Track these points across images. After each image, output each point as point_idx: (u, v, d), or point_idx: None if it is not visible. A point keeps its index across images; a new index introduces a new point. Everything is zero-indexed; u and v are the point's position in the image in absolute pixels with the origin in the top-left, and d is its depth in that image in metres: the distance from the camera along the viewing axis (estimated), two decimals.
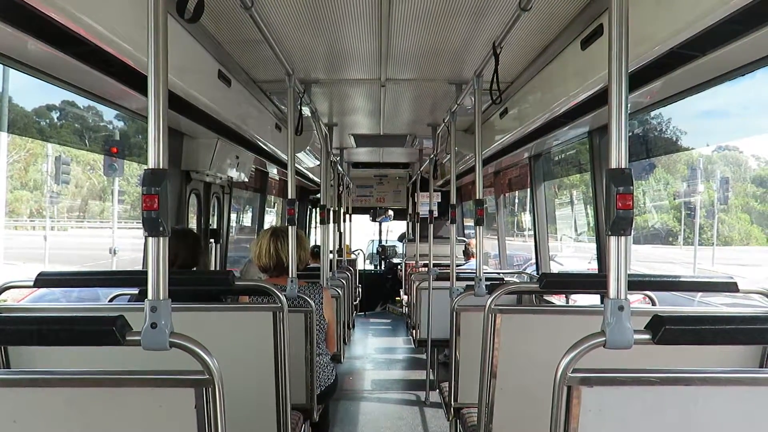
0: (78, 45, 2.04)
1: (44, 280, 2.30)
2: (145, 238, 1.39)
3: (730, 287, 2.33)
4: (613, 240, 1.37)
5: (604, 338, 1.34)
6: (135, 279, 2.47)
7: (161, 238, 1.39)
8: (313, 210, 11.66)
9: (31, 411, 1.39)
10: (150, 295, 1.37)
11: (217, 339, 1.54)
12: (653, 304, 3.12)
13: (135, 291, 3.07)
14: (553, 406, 1.36)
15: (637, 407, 1.36)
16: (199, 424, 1.37)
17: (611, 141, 1.39)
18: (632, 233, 1.41)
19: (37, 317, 1.37)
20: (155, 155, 1.40)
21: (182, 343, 1.35)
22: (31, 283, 2.26)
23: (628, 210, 1.34)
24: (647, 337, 1.34)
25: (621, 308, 1.35)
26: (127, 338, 1.33)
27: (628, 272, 1.39)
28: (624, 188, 1.34)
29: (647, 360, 1.41)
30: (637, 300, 4.32)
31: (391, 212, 11.78)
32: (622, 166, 1.36)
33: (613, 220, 1.35)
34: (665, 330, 1.30)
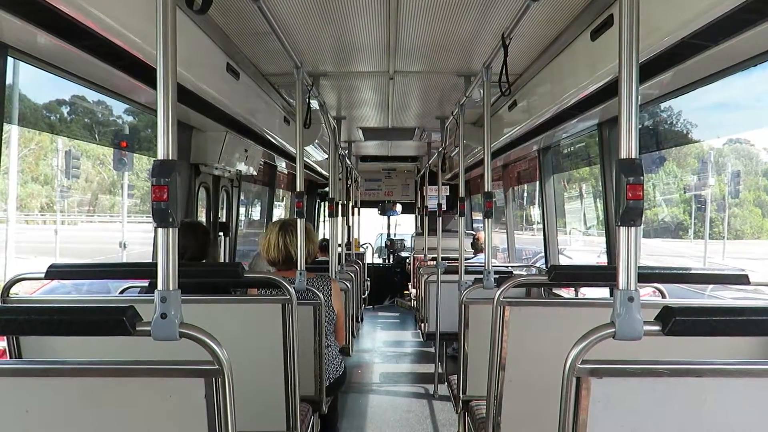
0: (87, 38, 2.04)
1: (55, 272, 2.32)
2: (155, 229, 1.40)
3: (741, 280, 2.31)
4: (623, 230, 1.36)
5: (613, 329, 1.34)
6: (145, 271, 2.49)
7: (171, 229, 1.39)
8: (322, 203, 11.69)
9: (42, 400, 1.41)
10: (160, 286, 1.38)
11: (226, 331, 1.55)
12: (663, 297, 3.11)
13: (145, 284, 3.10)
14: (562, 398, 1.36)
15: (647, 399, 1.35)
16: (209, 413, 1.38)
17: (622, 132, 1.38)
18: (642, 225, 1.40)
19: (49, 307, 1.38)
20: (165, 147, 1.41)
21: (192, 334, 1.36)
22: (43, 275, 2.28)
23: (638, 200, 1.33)
24: (657, 328, 1.33)
25: (631, 299, 1.34)
26: (138, 328, 1.34)
27: (638, 265, 1.38)
28: (634, 178, 1.33)
29: (655, 353, 1.40)
30: (646, 294, 4.30)
31: (399, 206, 11.78)
32: (633, 157, 1.36)
33: (624, 210, 1.34)
34: (675, 321, 1.30)
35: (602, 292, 4.30)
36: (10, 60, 2.15)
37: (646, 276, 2.37)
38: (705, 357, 1.39)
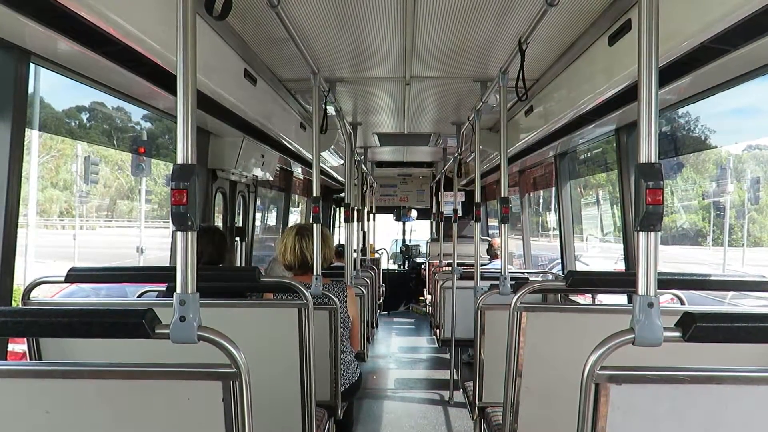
0: (108, 44, 2.07)
1: (75, 276, 2.35)
2: (174, 232, 1.41)
3: (762, 286, 2.28)
4: (642, 236, 1.35)
5: (633, 335, 1.32)
6: (163, 275, 2.51)
7: (190, 233, 1.40)
8: (337, 209, 11.72)
9: (62, 402, 1.42)
10: (179, 289, 1.39)
11: (243, 335, 1.55)
12: (682, 304, 3.07)
13: (162, 288, 3.12)
14: (581, 404, 1.34)
15: (667, 406, 1.34)
16: (226, 416, 1.38)
17: (641, 136, 1.37)
18: (661, 231, 1.39)
19: (69, 310, 1.40)
20: (184, 152, 1.42)
21: (210, 337, 1.37)
22: (62, 279, 2.30)
23: (657, 205, 1.31)
24: (677, 334, 1.32)
25: (650, 305, 1.32)
26: (157, 331, 1.35)
27: (657, 271, 1.37)
28: (654, 183, 1.32)
29: (672, 360, 1.38)
30: (665, 301, 4.25)
31: (414, 211, 11.77)
32: (652, 161, 1.35)
33: (643, 215, 1.33)
34: (696, 327, 1.28)
35: (618, 300, 4.25)
36: (32, 66, 2.18)
37: (666, 282, 2.34)
38: (724, 365, 1.37)
